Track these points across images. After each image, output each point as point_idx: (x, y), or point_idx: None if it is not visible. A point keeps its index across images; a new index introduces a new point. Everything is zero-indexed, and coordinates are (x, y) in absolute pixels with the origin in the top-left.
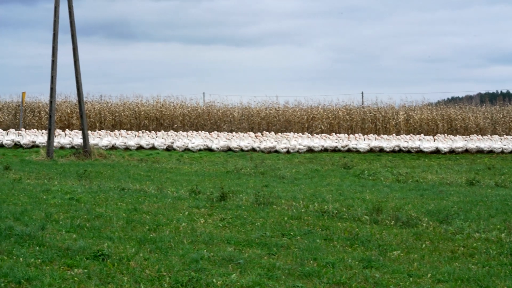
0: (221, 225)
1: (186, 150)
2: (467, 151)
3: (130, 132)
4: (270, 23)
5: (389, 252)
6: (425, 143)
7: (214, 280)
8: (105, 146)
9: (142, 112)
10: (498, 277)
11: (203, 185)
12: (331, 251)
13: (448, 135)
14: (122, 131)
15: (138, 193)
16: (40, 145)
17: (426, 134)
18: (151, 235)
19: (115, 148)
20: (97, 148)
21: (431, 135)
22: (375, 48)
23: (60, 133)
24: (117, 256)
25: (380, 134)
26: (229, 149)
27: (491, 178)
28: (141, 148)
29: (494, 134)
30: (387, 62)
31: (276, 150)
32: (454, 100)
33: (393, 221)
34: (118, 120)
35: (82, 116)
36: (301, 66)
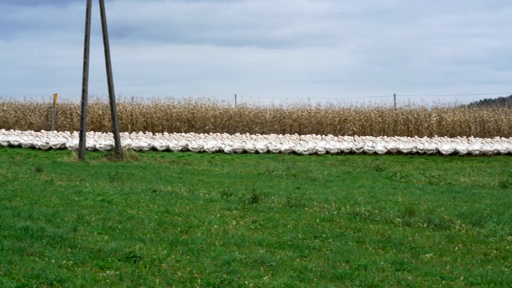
0: (253, 227)
1: (218, 152)
2: (499, 154)
3: (162, 134)
4: (302, 25)
5: (422, 255)
6: (459, 146)
7: (246, 282)
8: (138, 148)
9: (174, 114)
10: None
11: (235, 187)
12: (363, 254)
13: (475, 138)
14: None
15: (170, 195)
16: (70, 148)
17: (459, 136)
18: (183, 237)
19: (147, 150)
20: (129, 150)
21: (464, 137)
22: (407, 50)
23: (92, 135)
24: (149, 258)
25: (413, 136)
26: (259, 151)
27: None
28: (172, 150)
29: None
30: (419, 64)
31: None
32: (487, 102)
33: (426, 224)
34: (150, 122)
35: (114, 118)
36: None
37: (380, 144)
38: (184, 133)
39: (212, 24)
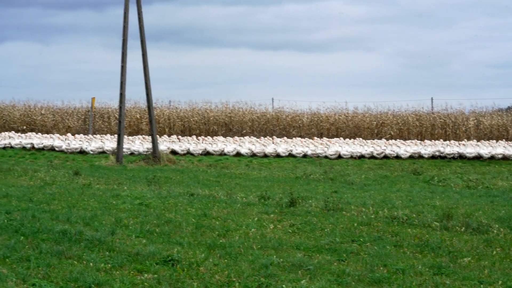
0: (291, 231)
1: (255, 156)
2: None
3: (198, 138)
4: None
5: (460, 259)
6: (497, 149)
7: (284, 286)
8: (175, 151)
9: (211, 118)
10: None
11: (272, 191)
12: (401, 258)
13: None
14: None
15: (208, 199)
16: (107, 151)
17: (497, 140)
18: (221, 241)
19: (184, 154)
20: (166, 154)
21: (502, 141)
22: (444, 54)
23: (129, 139)
24: (187, 262)
25: (450, 140)
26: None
27: None
28: (210, 154)
29: None
30: (457, 68)
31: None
32: None
33: (463, 228)
34: (187, 126)
35: (151, 122)
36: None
37: (417, 148)
38: (222, 137)
39: (249, 28)
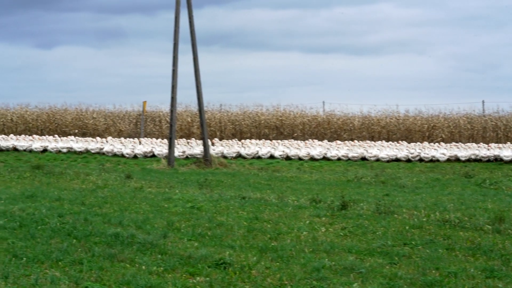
0: (342, 234)
1: (306, 159)
2: None
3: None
4: (390, 32)
5: None
6: None
7: None
8: (226, 155)
9: (262, 121)
10: None
11: (324, 194)
12: (453, 261)
13: None
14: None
15: (259, 202)
16: (159, 155)
17: None
18: (272, 244)
19: (235, 157)
20: (217, 157)
21: None
22: (496, 57)
23: (181, 142)
24: (239, 265)
25: (502, 143)
26: (349, 159)
27: None
28: (261, 157)
29: None
30: (508, 70)
31: (397, 159)
32: None
33: None
34: (239, 129)
35: (203, 125)
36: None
37: (469, 151)
38: (273, 140)
39: (300, 32)
